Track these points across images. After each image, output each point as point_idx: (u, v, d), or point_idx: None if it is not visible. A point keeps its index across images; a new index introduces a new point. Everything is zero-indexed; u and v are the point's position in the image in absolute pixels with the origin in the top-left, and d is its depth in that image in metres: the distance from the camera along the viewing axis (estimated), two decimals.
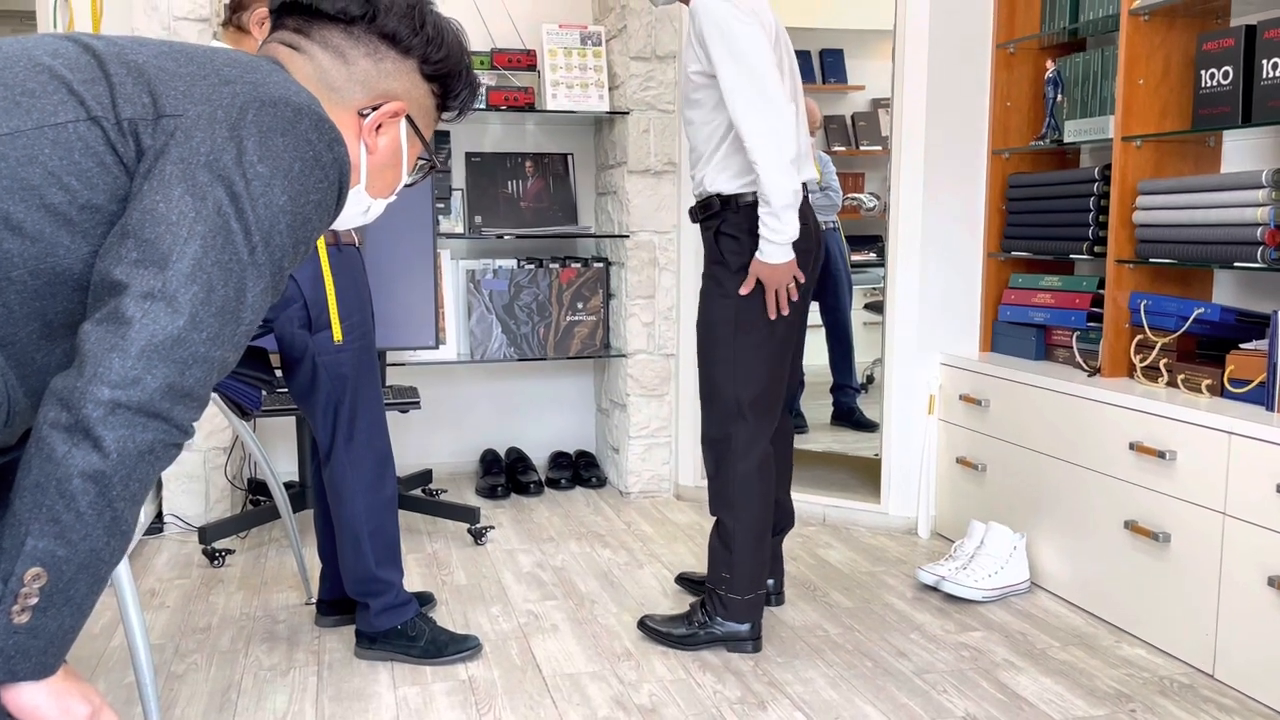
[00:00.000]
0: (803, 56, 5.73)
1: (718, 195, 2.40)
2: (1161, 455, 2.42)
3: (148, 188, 0.91)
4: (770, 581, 2.72)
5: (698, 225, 2.56)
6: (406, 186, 1.23)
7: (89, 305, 0.91)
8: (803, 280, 2.42)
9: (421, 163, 1.22)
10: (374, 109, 1.12)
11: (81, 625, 0.93)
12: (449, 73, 1.17)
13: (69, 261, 0.92)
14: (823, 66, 5.86)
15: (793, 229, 2.30)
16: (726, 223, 2.40)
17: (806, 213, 2.48)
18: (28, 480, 0.87)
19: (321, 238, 2.20)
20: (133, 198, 0.92)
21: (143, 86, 0.95)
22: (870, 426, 4.46)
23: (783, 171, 2.26)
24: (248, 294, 0.93)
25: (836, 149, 5.68)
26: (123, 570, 1.76)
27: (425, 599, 2.71)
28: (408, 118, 1.16)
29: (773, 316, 2.38)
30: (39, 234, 0.90)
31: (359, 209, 1.18)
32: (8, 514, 0.89)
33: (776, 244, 2.31)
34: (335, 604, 2.58)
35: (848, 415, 4.61)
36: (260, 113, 0.95)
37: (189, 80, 0.96)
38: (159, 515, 3.37)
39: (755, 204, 2.36)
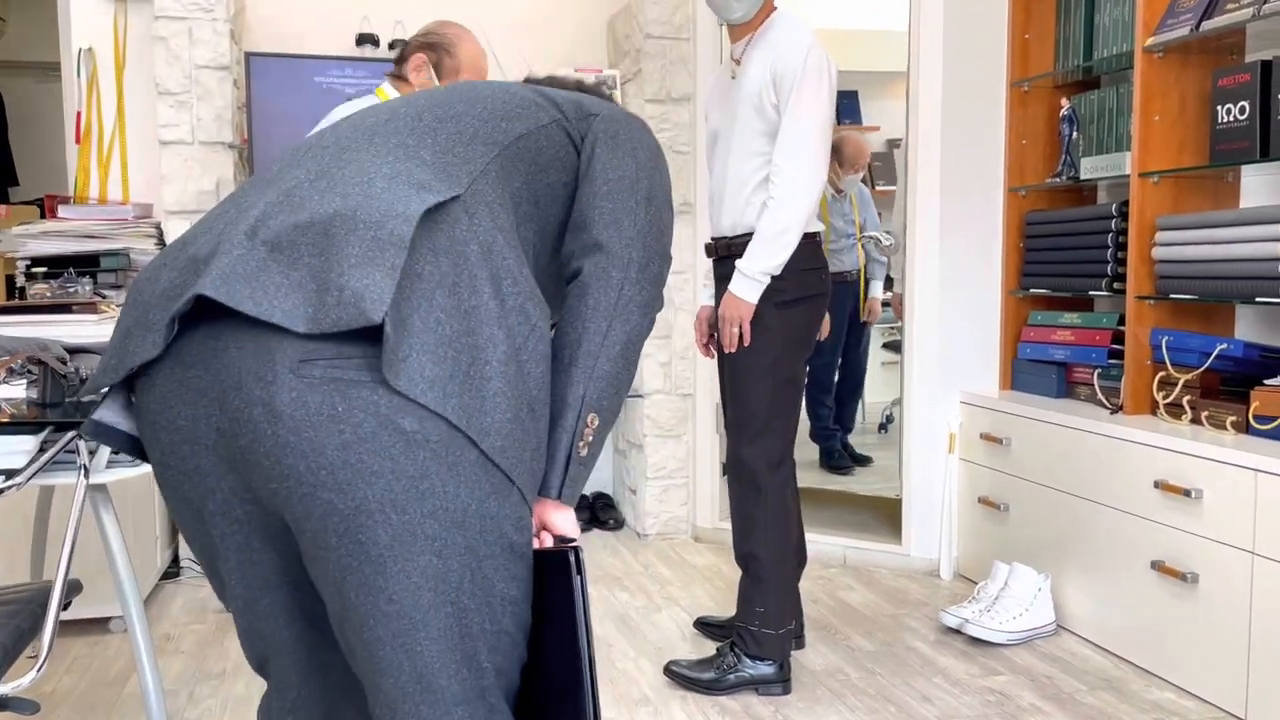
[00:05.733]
0: None
1: None
2: (1187, 494, 2.38)
3: (598, 163, 1.28)
4: (792, 624, 2.69)
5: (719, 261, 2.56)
6: None
7: (577, 251, 1.26)
8: (824, 330, 2.46)
9: None
10: None
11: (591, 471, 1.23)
12: None
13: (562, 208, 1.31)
14: (838, 108, 5.89)
15: (763, 268, 2.34)
16: None
17: (822, 259, 2.48)
18: (581, 350, 1.18)
19: None
20: (585, 173, 1.29)
21: (566, 103, 1.32)
22: (848, 470, 4.48)
23: (790, 219, 2.32)
24: (662, 205, 1.30)
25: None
26: (136, 616, 1.75)
27: None
28: None
29: (727, 349, 2.42)
30: (553, 202, 1.27)
31: None
32: (569, 373, 1.18)
33: (744, 275, 2.36)
34: None
35: (830, 455, 4.59)
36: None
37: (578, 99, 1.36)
38: (175, 559, 3.36)
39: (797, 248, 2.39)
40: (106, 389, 1.15)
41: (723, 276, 2.51)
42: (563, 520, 1.18)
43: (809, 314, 2.45)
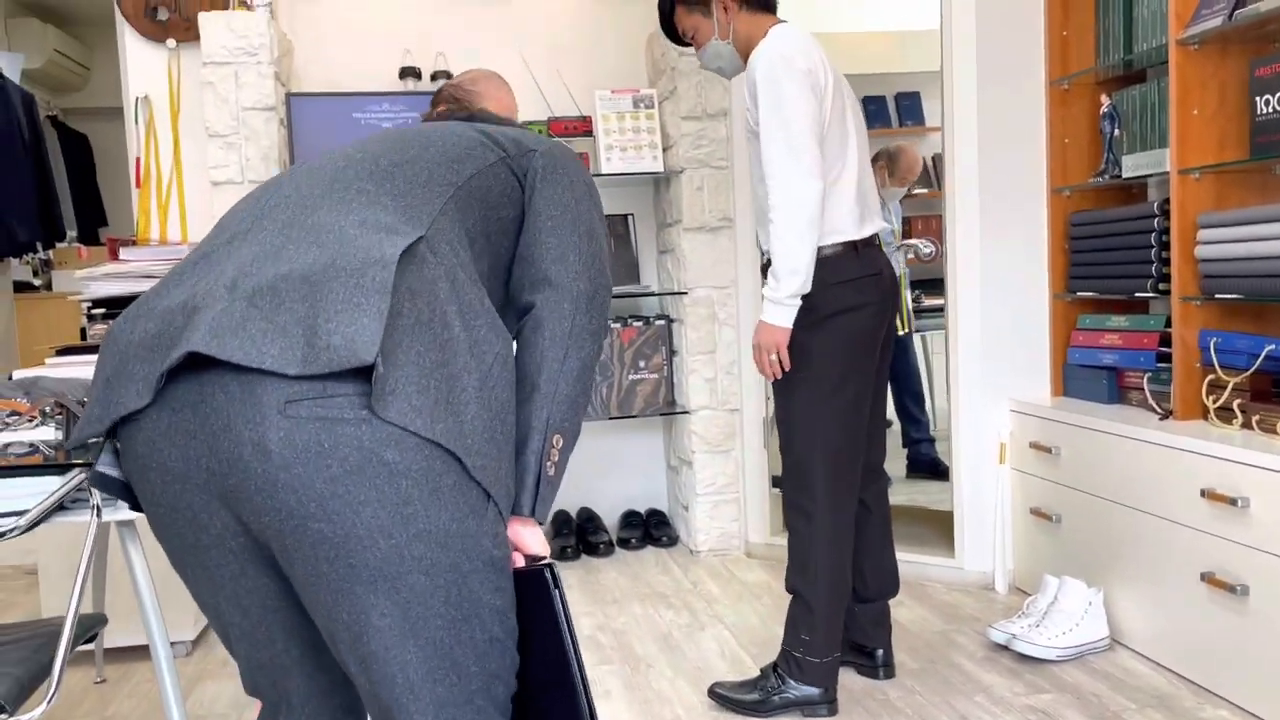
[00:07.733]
0: (878, 101, 5.67)
1: None
2: (1234, 502, 2.28)
3: (540, 199, 1.37)
4: (879, 652, 2.59)
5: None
6: None
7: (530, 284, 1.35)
8: (877, 344, 2.41)
9: None
10: None
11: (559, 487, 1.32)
12: None
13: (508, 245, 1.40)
14: (899, 110, 5.80)
15: (787, 291, 2.29)
16: None
17: (880, 263, 2.44)
18: (542, 378, 1.27)
19: None
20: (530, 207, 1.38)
21: (506, 141, 1.40)
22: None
23: (792, 236, 2.26)
24: (600, 236, 1.39)
25: (917, 191, 5.59)
26: (162, 651, 1.81)
27: None
28: None
29: (765, 376, 2.36)
30: (503, 235, 1.36)
31: None
32: (532, 399, 1.26)
33: (770, 301, 2.31)
34: None
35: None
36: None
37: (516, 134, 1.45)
38: None
39: (821, 260, 2.34)
40: (101, 437, 1.21)
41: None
42: (532, 538, 1.26)
43: (848, 328, 2.38)
